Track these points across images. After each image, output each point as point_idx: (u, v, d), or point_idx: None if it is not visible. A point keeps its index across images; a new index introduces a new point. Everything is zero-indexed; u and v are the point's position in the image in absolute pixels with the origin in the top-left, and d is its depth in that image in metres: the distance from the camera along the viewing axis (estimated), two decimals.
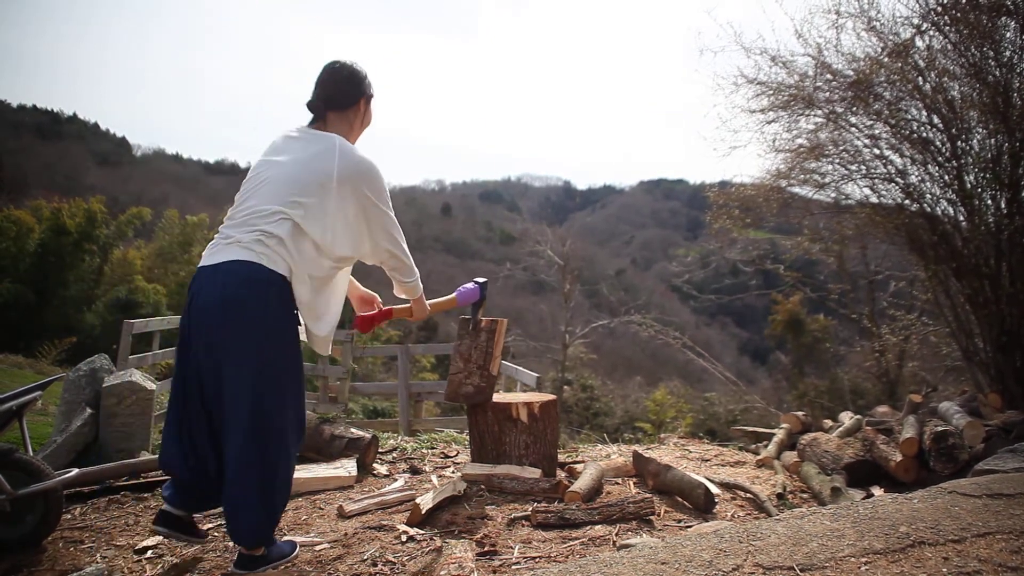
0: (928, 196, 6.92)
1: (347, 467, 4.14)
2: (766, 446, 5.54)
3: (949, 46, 6.42)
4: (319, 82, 2.97)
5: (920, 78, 6.56)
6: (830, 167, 7.84)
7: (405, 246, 2.99)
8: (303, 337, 2.93)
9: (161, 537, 3.35)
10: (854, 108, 7.10)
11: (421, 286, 3.14)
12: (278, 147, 2.89)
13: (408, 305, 3.29)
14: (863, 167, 7.48)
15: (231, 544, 3.08)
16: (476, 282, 3.78)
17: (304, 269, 2.74)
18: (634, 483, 4.01)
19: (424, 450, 4.87)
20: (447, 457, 4.67)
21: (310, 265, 2.76)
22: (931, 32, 6.49)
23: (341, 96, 2.97)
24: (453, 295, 3.64)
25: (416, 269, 3.08)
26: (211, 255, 2.74)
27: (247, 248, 2.66)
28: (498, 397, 4.16)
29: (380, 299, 3.39)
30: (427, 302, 3.30)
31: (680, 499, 3.70)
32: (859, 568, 2.22)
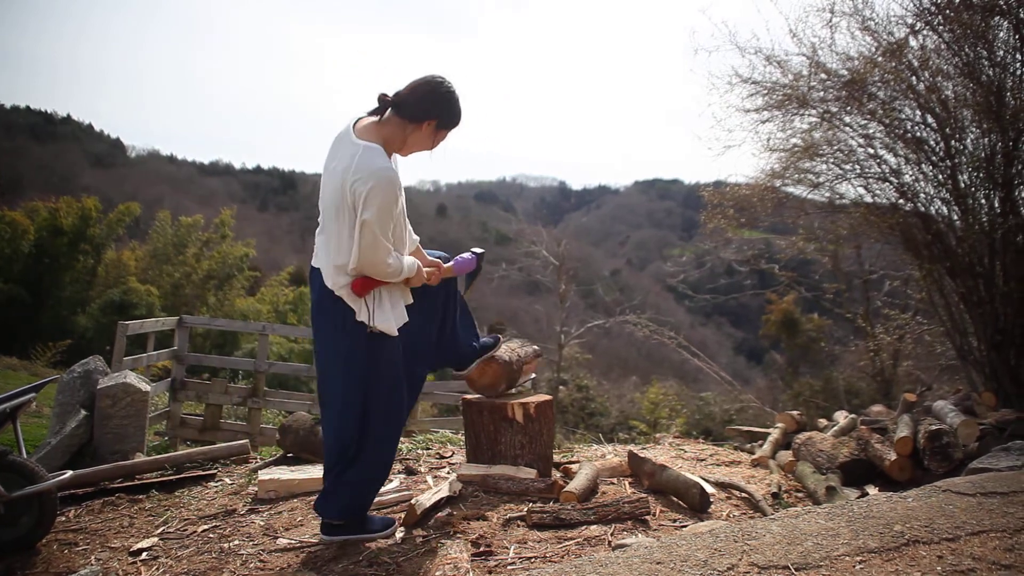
0: (922, 195, 6.94)
1: None
2: (761, 445, 5.55)
3: (943, 45, 6.44)
4: (409, 83, 2.98)
5: (914, 77, 6.58)
6: (824, 167, 7.86)
7: (385, 266, 2.89)
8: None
9: (158, 539, 3.35)
10: (848, 108, 7.12)
11: (408, 269, 3.02)
12: (331, 152, 2.95)
13: None
14: (857, 166, 7.50)
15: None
16: (473, 252, 3.57)
17: (337, 269, 2.93)
18: (629, 483, 4.01)
19: (419, 451, 4.87)
20: (442, 458, 4.67)
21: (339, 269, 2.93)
22: (925, 31, 6.51)
23: (410, 107, 2.94)
24: (451, 264, 3.46)
25: (401, 269, 2.97)
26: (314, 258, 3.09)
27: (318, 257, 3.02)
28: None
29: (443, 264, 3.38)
30: (424, 270, 3.17)
31: (675, 499, 3.70)
32: (854, 567, 2.22)
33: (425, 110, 2.94)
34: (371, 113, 3.00)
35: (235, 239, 25.40)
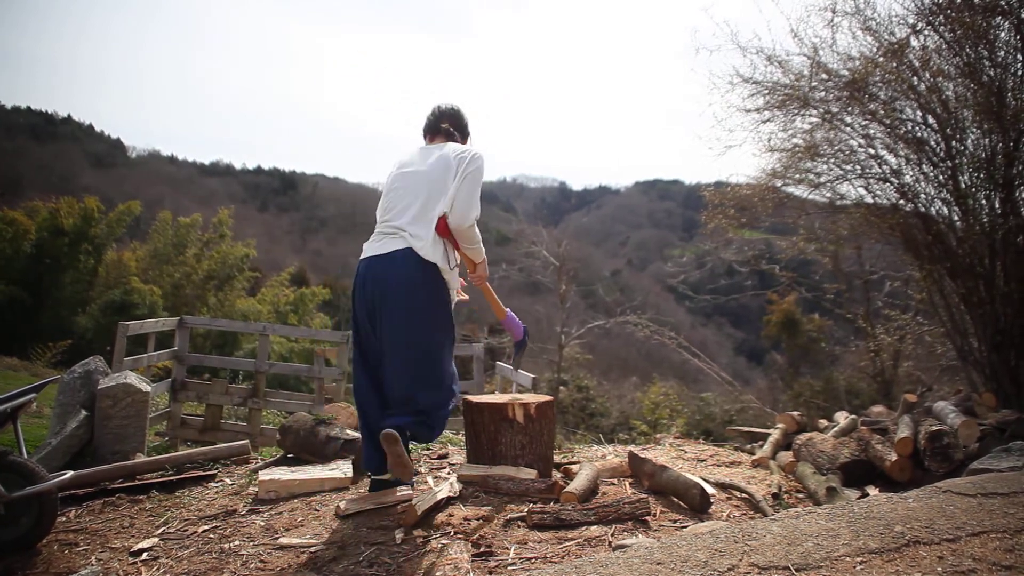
0: (923, 196, 6.94)
1: (342, 469, 4.14)
2: (762, 446, 5.55)
3: (944, 46, 6.43)
4: (450, 115, 3.95)
5: (915, 78, 6.58)
6: (825, 167, 7.85)
7: (472, 225, 3.67)
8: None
9: (158, 540, 3.35)
10: (849, 108, 7.11)
11: (482, 248, 3.83)
12: (413, 158, 3.77)
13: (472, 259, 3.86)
14: (858, 167, 7.50)
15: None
16: (524, 327, 4.25)
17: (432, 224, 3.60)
18: (630, 483, 4.01)
19: (420, 451, 4.86)
20: (442, 458, 4.67)
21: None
22: (926, 32, 6.51)
23: (463, 129, 3.99)
24: (507, 310, 4.13)
25: (479, 241, 3.78)
26: (381, 245, 3.58)
27: (406, 239, 3.55)
28: (494, 398, 4.17)
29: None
30: (486, 281, 3.95)
31: (676, 499, 3.70)
32: (854, 567, 2.22)
33: (467, 130, 4.03)
34: (436, 139, 3.91)
35: (235, 239, 25.37)
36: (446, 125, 3.92)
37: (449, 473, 4.23)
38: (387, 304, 3.49)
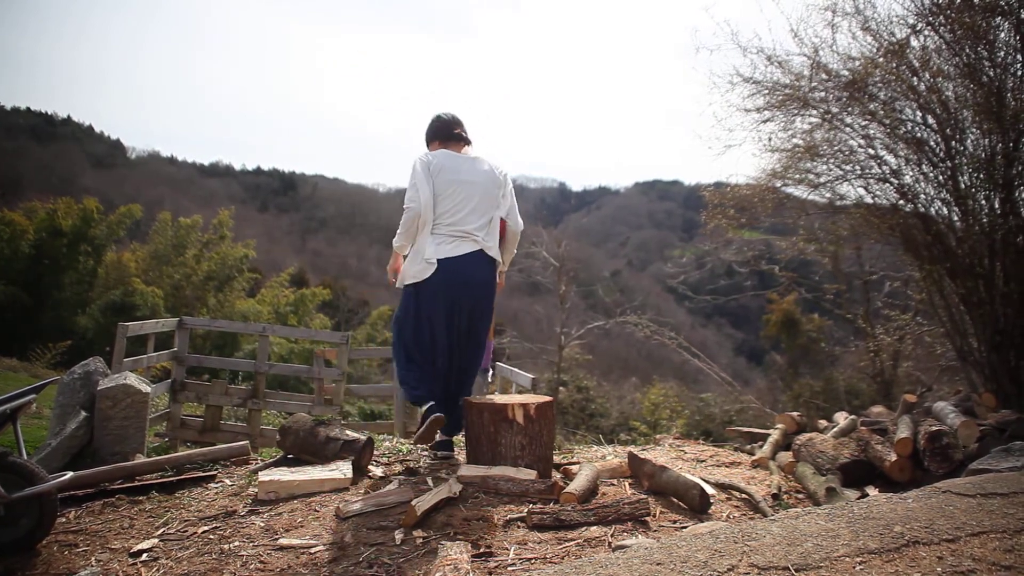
0: (922, 196, 6.93)
1: (342, 469, 4.14)
2: (761, 447, 5.55)
3: (944, 46, 6.42)
4: (460, 122, 4.41)
5: (915, 78, 6.57)
6: (825, 167, 7.83)
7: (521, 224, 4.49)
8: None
9: (158, 540, 3.35)
10: (849, 108, 7.10)
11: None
12: (462, 169, 4.18)
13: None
14: (858, 167, 7.48)
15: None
16: (492, 360, 5.06)
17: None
18: (629, 484, 4.01)
19: (420, 451, 4.86)
20: (443, 459, 4.66)
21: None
22: (926, 32, 6.50)
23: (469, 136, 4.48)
24: (491, 339, 4.92)
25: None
26: (455, 247, 4.10)
27: (478, 242, 4.16)
28: (494, 399, 4.17)
29: None
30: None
31: (675, 500, 3.70)
32: (854, 568, 2.22)
33: None
34: (449, 144, 4.33)
35: (235, 240, 25.38)
36: (458, 131, 4.38)
37: (449, 474, 4.23)
38: (478, 303, 4.18)
